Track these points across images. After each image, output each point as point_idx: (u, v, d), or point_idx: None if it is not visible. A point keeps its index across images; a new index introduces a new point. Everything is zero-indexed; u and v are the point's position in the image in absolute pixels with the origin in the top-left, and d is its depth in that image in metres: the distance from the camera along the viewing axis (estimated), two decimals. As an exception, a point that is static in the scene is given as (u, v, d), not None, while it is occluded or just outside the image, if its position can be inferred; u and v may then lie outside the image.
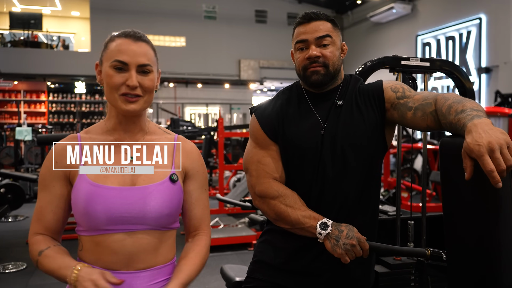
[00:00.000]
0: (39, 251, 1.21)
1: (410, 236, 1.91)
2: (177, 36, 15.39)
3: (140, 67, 1.22)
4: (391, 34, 13.85)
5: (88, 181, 1.21)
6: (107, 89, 1.24)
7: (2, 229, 5.70)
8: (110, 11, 14.39)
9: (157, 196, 1.23)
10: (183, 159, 1.34)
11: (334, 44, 1.52)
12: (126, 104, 1.22)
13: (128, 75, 1.21)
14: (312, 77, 1.51)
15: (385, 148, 1.59)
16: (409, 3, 12.84)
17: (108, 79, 1.22)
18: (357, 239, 1.36)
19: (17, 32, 14.40)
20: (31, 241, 1.26)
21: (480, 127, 1.10)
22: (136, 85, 1.21)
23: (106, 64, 1.23)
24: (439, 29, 11.77)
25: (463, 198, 1.27)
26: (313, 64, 1.50)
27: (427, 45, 12.24)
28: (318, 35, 1.50)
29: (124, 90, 1.21)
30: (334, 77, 1.54)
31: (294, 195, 1.51)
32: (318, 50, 1.50)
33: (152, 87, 1.25)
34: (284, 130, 1.55)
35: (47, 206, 1.25)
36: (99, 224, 1.19)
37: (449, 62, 1.97)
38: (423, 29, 12.41)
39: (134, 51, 1.22)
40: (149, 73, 1.24)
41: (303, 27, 1.53)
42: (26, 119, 13.52)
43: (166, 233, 1.29)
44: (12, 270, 4.28)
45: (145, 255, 1.23)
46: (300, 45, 1.53)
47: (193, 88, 15.47)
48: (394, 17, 13.37)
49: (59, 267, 1.17)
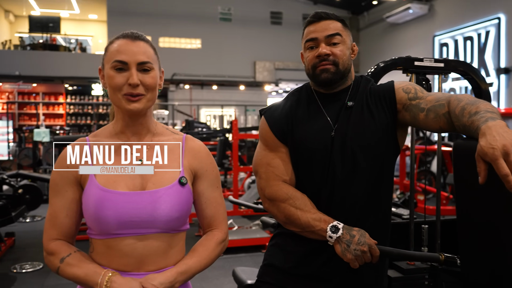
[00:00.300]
0: (61, 258, 1.21)
1: (424, 240, 1.87)
2: (192, 38, 15.47)
3: (140, 65, 1.22)
4: (408, 34, 13.69)
5: (98, 186, 1.21)
6: (110, 90, 1.23)
7: (20, 229, 5.78)
8: (126, 14, 14.54)
9: (167, 200, 1.23)
10: (191, 159, 1.33)
11: (344, 43, 1.52)
12: (129, 104, 1.21)
13: (128, 74, 1.20)
14: (321, 75, 1.49)
15: (397, 150, 1.56)
16: (426, 3, 12.68)
17: (110, 80, 1.21)
18: (368, 246, 1.34)
19: (36, 35, 14.65)
20: (49, 247, 1.25)
21: (494, 129, 1.07)
22: (137, 82, 1.20)
23: (107, 66, 1.23)
24: (457, 29, 11.60)
25: (477, 202, 1.24)
26: (323, 62, 1.49)
27: (445, 46, 12.07)
28: (328, 33, 1.49)
29: (126, 90, 1.21)
30: (344, 76, 1.52)
31: (304, 198, 1.49)
32: (328, 48, 1.49)
33: (154, 84, 1.24)
34: (294, 131, 1.53)
35: (61, 211, 1.25)
36: (109, 228, 1.20)
37: (464, 62, 1.93)
38: (440, 29, 12.25)
39: (133, 50, 1.22)
40: (150, 70, 1.23)
41: (313, 26, 1.53)
42: (45, 121, 13.74)
43: (176, 236, 1.29)
44: (29, 270, 4.33)
45: (156, 258, 1.24)
46: (310, 44, 1.52)
47: (209, 90, 15.53)
48: (411, 18, 13.22)
49: (86, 274, 1.18)
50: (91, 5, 15.55)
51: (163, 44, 15.21)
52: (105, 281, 1.14)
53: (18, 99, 13.79)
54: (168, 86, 15.13)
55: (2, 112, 12.57)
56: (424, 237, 1.87)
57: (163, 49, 15.05)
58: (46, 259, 1.26)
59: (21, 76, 13.32)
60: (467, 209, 1.29)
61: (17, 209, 5.04)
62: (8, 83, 13.02)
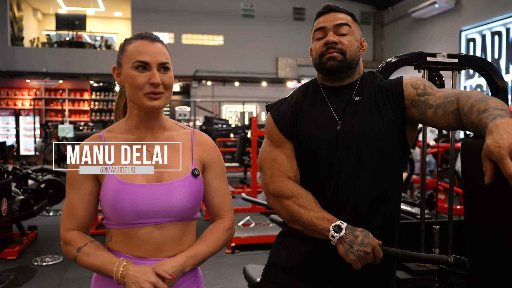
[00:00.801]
0: (78, 248, 1.29)
1: (435, 241, 1.82)
2: (215, 35, 15.52)
3: (161, 65, 1.30)
4: (434, 29, 13.38)
5: (116, 178, 1.28)
6: (130, 89, 1.30)
7: (43, 223, 5.92)
8: (150, 11, 14.68)
9: (182, 190, 1.31)
10: (200, 151, 1.41)
11: (352, 34, 1.51)
12: (150, 101, 1.28)
13: (150, 73, 1.28)
14: (328, 62, 1.47)
15: (406, 148, 1.51)
16: (453, -3, 12.37)
17: (132, 79, 1.28)
18: (371, 247, 1.31)
19: (62, 33, 14.95)
20: (66, 237, 1.33)
21: (502, 127, 1.02)
22: (159, 82, 1.27)
23: (127, 66, 1.29)
24: (485, 24, 11.26)
25: (485, 202, 1.20)
26: (330, 50, 1.47)
27: (472, 41, 11.75)
28: (336, 23, 1.49)
29: (149, 89, 1.28)
30: (350, 67, 1.49)
31: (308, 195, 1.46)
32: (336, 37, 1.48)
33: (171, 83, 1.33)
34: (299, 126, 1.51)
35: (78, 203, 1.32)
36: (127, 219, 1.27)
37: (480, 58, 1.86)
38: (467, 24, 11.92)
39: (153, 51, 1.29)
40: (168, 70, 1.32)
41: (323, 17, 1.53)
42: (70, 117, 14.03)
43: (190, 224, 1.38)
44: (49, 263, 4.44)
45: (171, 244, 1.32)
46: (318, 34, 1.52)
47: (231, 86, 15.55)
48: (437, 12, 12.90)
49: (102, 263, 1.26)
50: (116, 3, 15.76)
51: (185, 41, 15.30)
52: (120, 269, 1.23)
53: (45, 95, 14.11)
54: (190, 83, 15.23)
55: (29, 108, 12.88)
56: (435, 238, 1.82)
57: (186, 46, 15.15)
58: (63, 248, 1.34)
59: (48, 73, 13.64)
60: (475, 209, 1.25)
61: (39, 203, 5.17)
62: (36, 79, 13.35)
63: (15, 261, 4.46)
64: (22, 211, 4.70)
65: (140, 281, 1.20)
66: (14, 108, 13.36)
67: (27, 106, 13.64)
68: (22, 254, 4.68)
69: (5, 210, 3.85)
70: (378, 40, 16.53)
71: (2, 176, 3.98)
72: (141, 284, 1.20)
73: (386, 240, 1.43)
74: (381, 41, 16.50)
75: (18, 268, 4.28)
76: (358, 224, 1.41)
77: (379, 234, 1.41)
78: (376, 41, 16.54)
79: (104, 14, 16.85)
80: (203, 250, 1.36)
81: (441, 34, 12.95)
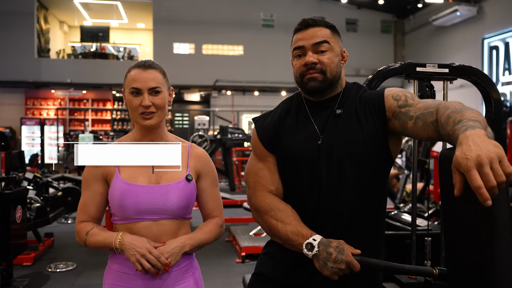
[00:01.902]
0: (86, 231, 1.55)
1: (427, 253, 1.79)
2: (235, 45, 15.65)
3: (151, 90, 1.52)
4: (456, 37, 13.18)
5: (122, 180, 1.54)
6: (129, 110, 1.57)
7: (60, 230, 6.05)
8: (171, 22, 14.94)
9: (176, 192, 1.54)
10: (196, 162, 1.64)
11: (332, 50, 1.48)
12: (143, 121, 1.54)
13: (142, 97, 1.52)
14: (309, 83, 1.48)
15: (390, 159, 1.51)
16: (475, 4, 12.16)
17: (129, 102, 1.55)
18: (346, 264, 1.31)
19: (87, 44, 15.35)
20: (78, 227, 1.59)
21: (471, 139, 1.01)
22: (148, 104, 1.51)
23: (127, 91, 1.55)
24: (508, 31, 11.04)
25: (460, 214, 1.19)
26: (310, 71, 1.47)
27: (494, 49, 11.52)
28: (315, 41, 1.47)
29: (141, 110, 1.53)
30: (332, 84, 1.49)
31: (286, 209, 1.48)
32: (315, 56, 1.46)
33: (163, 104, 1.55)
34: (281, 140, 1.53)
35: (89, 201, 1.58)
36: (130, 214, 1.52)
37: (472, 68, 1.82)
38: (490, 31, 11.70)
39: (145, 78, 1.52)
40: (159, 93, 1.54)
41: (301, 33, 1.51)
42: (93, 126, 14.33)
43: (183, 222, 1.60)
44: (63, 269, 4.53)
45: (167, 238, 1.54)
46: (298, 52, 1.50)
47: (250, 95, 15.63)
48: (459, 20, 12.71)
49: (104, 238, 1.51)
50: (138, 15, 16.10)
51: (206, 51, 15.49)
52: (118, 238, 1.48)
53: (69, 105, 14.47)
54: (210, 92, 15.38)
55: (54, 118, 13.22)
56: (427, 250, 1.79)
57: (206, 56, 15.33)
58: (77, 238, 1.59)
59: (72, 83, 14.00)
60: (451, 220, 1.24)
61: (56, 211, 5.29)
62: (61, 90, 13.72)
63: (30, 267, 4.57)
64: (38, 219, 4.83)
65: (137, 247, 1.45)
66: (40, 117, 13.74)
67: (52, 116, 14.01)
68: (37, 260, 4.79)
69: (20, 217, 3.96)
70: (399, 48, 16.37)
71: (18, 184, 4.10)
72: (137, 249, 1.44)
73: (369, 252, 1.43)
74: (402, 50, 16.34)
75: (32, 274, 4.38)
76: (341, 235, 1.41)
77: (362, 245, 1.41)
78: (397, 49, 16.38)
79: (127, 26, 17.23)
80: (199, 236, 1.60)
81: (463, 42, 12.74)
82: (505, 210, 1.08)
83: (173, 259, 1.49)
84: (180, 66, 14.27)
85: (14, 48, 13.87)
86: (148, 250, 1.44)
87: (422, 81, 1.80)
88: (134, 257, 1.44)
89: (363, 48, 15.56)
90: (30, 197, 5.11)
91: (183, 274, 1.58)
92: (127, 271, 1.52)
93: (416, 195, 1.85)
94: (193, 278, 1.62)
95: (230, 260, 4.91)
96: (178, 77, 13.34)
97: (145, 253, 1.44)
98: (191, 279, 1.61)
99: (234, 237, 5.37)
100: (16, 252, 4.03)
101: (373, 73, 1.83)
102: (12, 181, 3.94)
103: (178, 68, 13.89)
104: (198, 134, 7.10)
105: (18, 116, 13.96)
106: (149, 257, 1.44)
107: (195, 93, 15.64)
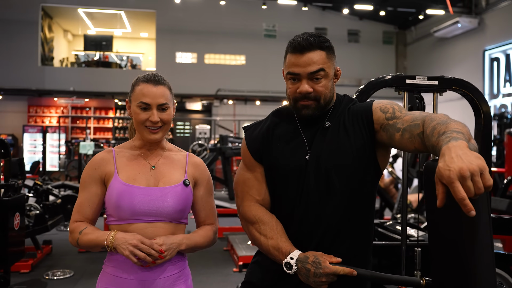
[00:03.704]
0: (80, 230, 1.56)
1: (416, 264, 1.80)
2: (237, 55, 15.74)
3: (160, 106, 1.57)
4: (457, 49, 13.23)
5: (121, 181, 1.57)
6: (135, 122, 1.60)
7: (59, 238, 6.06)
8: (174, 32, 15.04)
9: (173, 195, 1.58)
10: (193, 170, 1.68)
11: (327, 76, 1.47)
12: (150, 135, 1.59)
13: (150, 113, 1.56)
14: (302, 110, 1.49)
15: (378, 171, 1.52)
16: (476, 16, 12.22)
17: (136, 116, 1.58)
18: (325, 276, 1.33)
19: (90, 53, 15.45)
20: (72, 226, 1.59)
21: (453, 150, 1.03)
22: (157, 120, 1.56)
23: (134, 104, 1.59)
24: (509, 43, 11.08)
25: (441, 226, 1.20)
26: (305, 99, 1.47)
27: (495, 60, 11.56)
28: (310, 70, 1.44)
29: (148, 124, 1.57)
30: (324, 108, 1.51)
31: (271, 222, 1.50)
32: (310, 85, 1.45)
33: (169, 119, 1.61)
34: (269, 152, 1.55)
35: (85, 202, 1.60)
36: (126, 215, 1.54)
37: (462, 81, 1.85)
38: (491, 43, 11.75)
39: (155, 94, 1.57)
40: (167, 109, 1.60)
41: (296, 58, 1.45)
42: (95, 134, 14.38)
43: (178, 226, 1.63)
44: (60, 277, 4.53)
45: None
46: (292, 77, 1.48)
47: (252, 105, 15.67)
48: (460, 32, 12.77)
49: (97, 236, 1.52)
50: (142, 24, 16.22)
51: (208, 61, 15.57)
52: (110, 236, 1.49)
53: (72, 113, 14.54)
54: (212, 102, 15.43)
55: (56, 126, 13.28)
56: (416, 260, 1.80)
57: (208, 65, 15.41)
58: (69, 238, 1.60)
59: (75, 91, 14.07)
60: (435, 231, 1.25)
61: (54, 218, 5.30)
62: (63, 98, 13.79)
63: (28, 275, 4.58)
64: (36, 226, 4.84)
65: (128, 239, 1.46)
66: (42, 125, 13.80)
67: (54, 124, 14.07)
68: (35, 267, 4.80)
69: (18, 224, 3.98)
70: (401, 59, 16.43)
71: (17, 192, 4.12)
72: (129, 242, 1.45)
73: (356, 262, 1.44)
74: (404, 61, 16.39)
75: (29, 282, 4.39)
76: (329, 246, 1.44)
77: (349, 255, 1.43)
78: (399, 60, 16.44)
79: (131, 35, 17.35)
80: (195, 238, 1.63)
81: (465, 54, 12.79)
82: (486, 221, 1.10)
83: (169, 253, 1.51)
84: (182, 75, 14.35)
85: (18, 56, 13.98)
86: (139, 241, 1.46)
87: (412, 93, 1.82)
88: (127, 250, 1.45)
89: (365, 58, 15.63)
90: (30, 204, 5.13)
91: (175, 280, 1.60)
92: (121, 275, 1.54)
93: (407, 206, 1.87)
94: (185, 285, 1.64)
95: (227, 269, 4.91)
96: (180, 86, 13.39)
97: (137, 243, 1.45)
98: (183, 286, 1.62)
99: (232, 246, 5.37)
100: (13, 259, 4.03)
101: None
102: (11, 188, 3.96)
103: (180, 77, 13.96)
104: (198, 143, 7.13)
105: (20, 124, 14.03)
106: (141, 247, 1.45)
107: (197, 102, 15.69)
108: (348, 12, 15.11)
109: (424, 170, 1.24)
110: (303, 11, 15.32)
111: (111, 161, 1.62)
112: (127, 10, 15.00)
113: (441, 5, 12.68)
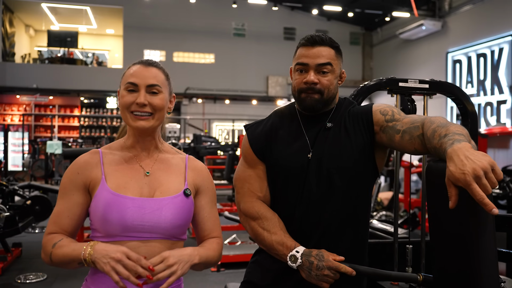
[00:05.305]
0: (53, 244, 1.28)
1: (408, 260, 1.87)
2: (206, 53, 15.68)
3: (149, 87, 1.33)
4: (421, 51, 13.65)
5: (109, 190, 1.30)
6: (120, 108, 1.36)
7: (28, 240, 5.87)
8: (142, 29, 14.82)
9: (172, 207, 1.32)
10: (194, 176, 1.44)
11: (333, 72, 1.53)
12: (135, 121, 1.32)
13: (137, 94, 1.32)
14: (306, 100, 1.52)
15: (375, 172, 1.58)
16: (440, 19, 12.65)
17: (121, 99, 1.34)
18: (328, 268, 1.36)
19: (54, 49, 15.01)
20: (45, 239, 1.31)
21: (461, 153, 1.08)
22: (143, 102, 1.31)
23: (122, 88, 1.35)
24: (470, 46, 11.53)
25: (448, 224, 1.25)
26: (309, 90, 1.51)
27: (458, 62, 11.99)
28: (319, 62, 1.50)
29: (134, 108, 1.32)
30: (327, 103, 1.54)
31: (273, 219, 1.52)
32: (316, 76, 1.50)
33: (161, 106, 1.34)
34: (272, 150, 1.57)
35: (64, 212, 1.32)
36: (115, 231, 1.27)
37: (450, 84, 1.94)
38: (453, 46, 12.19)
39: (144, 74, 1.33)
40: (158, 93, 1.34)
41: (306, 50, 1.52)
42: (60, 133, 13.99)
43: (177, 243, 1.37)
44: (32, 280, 4.39)
45: None
46: (300, 67, 1.53)
47: (221, 104, 15.66)
48: (424, 34, 13.18)
49: (73, 249, 1.23)
50: (108, 20, 15.89)
51: (177, 59, 15.43)
52: (88, 249, 1.20)
53: (35, 111, 14.08)
54: (181, 100, 15.30)
55: (19, 124, 12.83)
56: (408, 257, 1.87)
57: (177, 63, 15.27)
58: (42, 253, 1.31)
59: (38, 89, 13.64)
60: (438, 229, 1.30)
61: (25, 220, 5.13)
62: (26, 95, 13.34)
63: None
64: (6, 228, 4.68)
65: (110, 252, 1.16)
66: (3, 123, 13.30)
67: (16, 122, 13.59)
68: (5, 271, 4.63)
69: (-11, 227, 3.84)
70: (368, 60, 16.79)
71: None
72: (111, 255, 1.15)
73: (356, 259, 1.49)
74: (370, 61, 16.76)
75: (1, 286, 4.24)
76: (328, 244, 1.47)
77: (349, 253, 1.47)
78: (366, 61, 16.80)
79: (96, 31, 16.96)
80: (206, 251, 1.37)
81: (429, 55, 13.21)
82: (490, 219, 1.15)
83: (179, 267, 1.23)
84: (151, 73, 14.13)
85: (-23, 52, 13.44)
86: (124, 254, 1.16)
87: (404, 96, 1.89)
88: (108, 265, 1.14)
89: (332, 59, 15.86)
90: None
91: None
92: None
93: (398, 205, 1.93)
94: None
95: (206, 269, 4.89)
96: (148, 84, 13.19)
97: (121, 257, 1.15)
98: None
99: (208, 246, 5.35)
100: (-16, 263, 3.89)
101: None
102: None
103: (148, 75, 13.75)
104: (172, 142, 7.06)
105: (-20, 122, 13.50)
106: (126, 262, 1.14)
107: (165, 100, 15.52)
108: (317, 12, 15.31)
109: (426, 171, 1.29)
110: (273, 11, 15.42)
111: (98, 164, 1.35)
112: (93, 6, 14.66)
113: (407, 8, 13.05)
